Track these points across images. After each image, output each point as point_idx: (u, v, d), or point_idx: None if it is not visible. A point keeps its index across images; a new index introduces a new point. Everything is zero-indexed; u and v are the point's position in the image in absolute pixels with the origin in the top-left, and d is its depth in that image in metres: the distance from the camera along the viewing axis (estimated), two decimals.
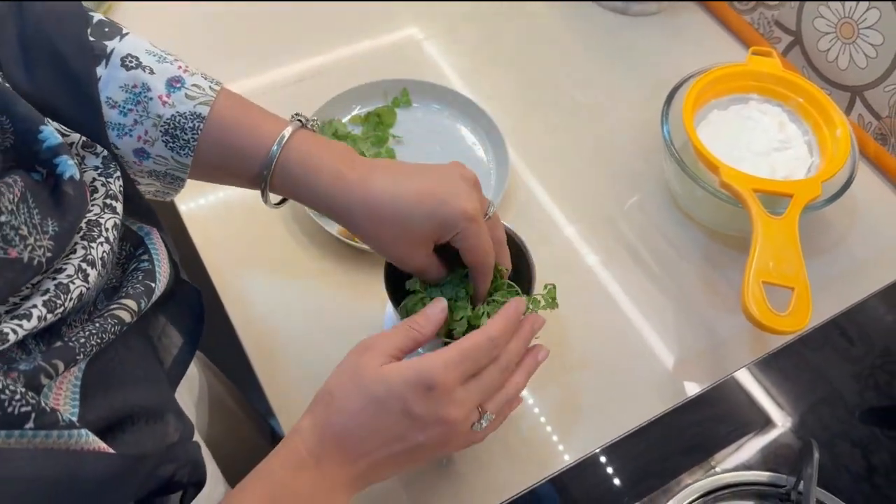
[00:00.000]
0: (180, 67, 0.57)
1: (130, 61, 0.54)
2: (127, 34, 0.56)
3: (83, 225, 0.48)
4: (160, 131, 0.55)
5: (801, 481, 0.63)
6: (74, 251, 0.46)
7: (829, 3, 0.94)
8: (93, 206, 0.50)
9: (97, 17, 0.55)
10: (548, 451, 0.71)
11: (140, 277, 0.52)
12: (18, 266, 0.40)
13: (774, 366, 0.76)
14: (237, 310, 0.79)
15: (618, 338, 0.79)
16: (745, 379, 0.75)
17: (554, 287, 0.64)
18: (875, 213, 0.91)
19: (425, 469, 0.69)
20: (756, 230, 0.74)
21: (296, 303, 0.80)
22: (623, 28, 1.10)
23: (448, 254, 0.60)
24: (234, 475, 0.75)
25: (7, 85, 0.46)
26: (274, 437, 1.07)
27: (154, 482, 0.45)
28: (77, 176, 0.46)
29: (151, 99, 0.54)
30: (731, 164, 0.80)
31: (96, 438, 0.40)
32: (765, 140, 0.85)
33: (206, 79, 0.57)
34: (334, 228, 0.82)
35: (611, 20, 1.10)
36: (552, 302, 0.64)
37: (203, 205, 0.88)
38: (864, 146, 0.95)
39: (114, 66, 0.54)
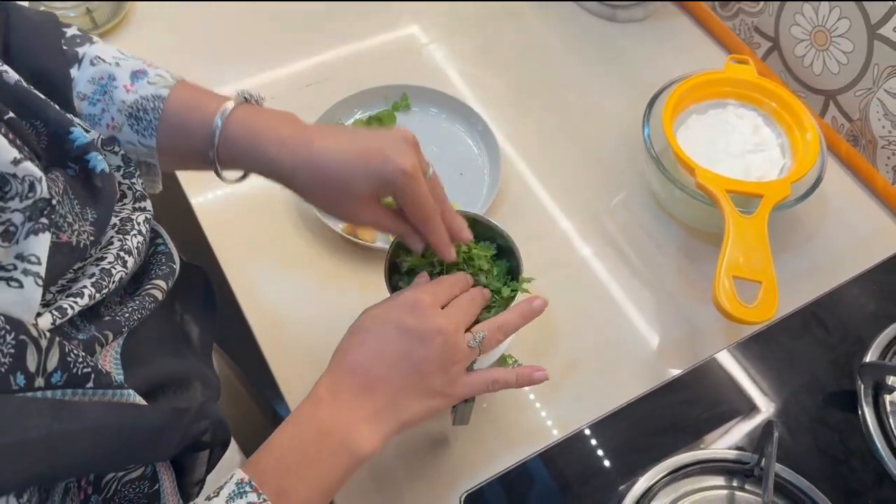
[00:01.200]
0: (146, 63, 0.64)
1: (97, 61, 0.61)
2: (96, 42, 0.63)
3: (117, 221, 0.54)
4: (125, 115, 0.61)
5: (763, 458, 0.69)
6: (112, 243, 0.52)
7: (804, 11, 1.00)
8: (123, 209, 0.56)
9: (71, 30, 0.62)
10: (538, 428, 0.77)
11: (163, 260, 0.59)
12: (68, 249, 0.46)
13: (749, 347, 0.82)
14: (248, 300, 0.85)
15: (604, 325, 0.86)
16: (725, 360, 0.81)
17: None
18: (845, 210, 0.97)
19: (420, 445, 0.75)
20: (728, 228, 0.80)
21: (302, 294, 0.86)
22: (611, 34, 1.15)
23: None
24: (244, 452, 0.81)
25: (37, 92, 0.51)
26: (276, 418, 1.13)
27: (189, 438, 0.51)
28: (107, 169, 0.52)
29: (116, 87, 0.61)
30: (708, 166, 0.86)
31: (140, 398, 0.47)
32: (741, 143, 0.91)
33: (168, 73, 0.64)
34: (339, 226, 0.88)
35: (599, 26, 1.16)
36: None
37: (212, 198, 0.94)
38: (837, 147, 1.01)
39: (84, 66, 0.61)
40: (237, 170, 0.64)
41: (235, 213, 0.92)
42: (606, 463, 0.73)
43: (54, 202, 0.42)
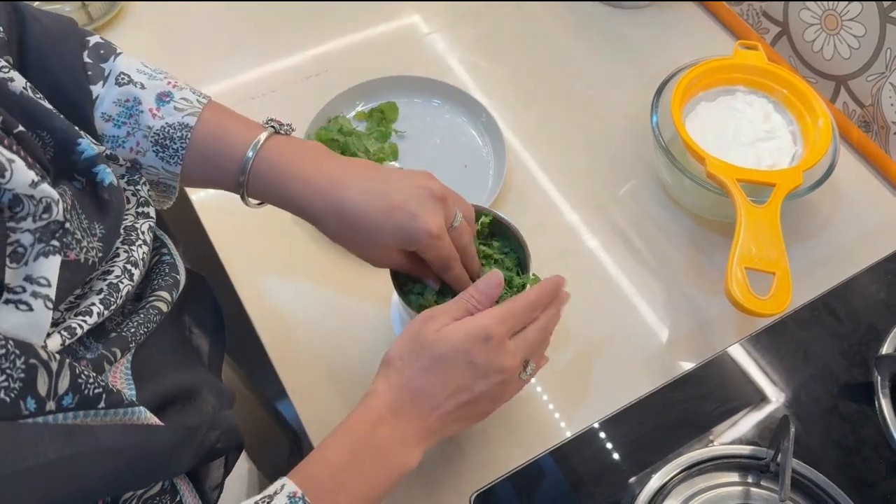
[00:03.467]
0: (169, 83, 0.62)
1: (123, 78, 0.59)
2: (120, 53, 0.61)
3: (121, 231, 0.52)
4: (150, 142, 0.59)
5: (780, 454, 0.67)
6: (118, 255, 0.50)
7: None
8: (127, 215, 0.54)
9: (94, 39, 0.60)
10: (549, 426, 0.76)
11: (167, 270, 0.57)
12: (76, 267, 0.45)
13: (764, 342, 0.80)
14: (253, 302, 0.84)
15: (613, 318, 0.84)
16: (738, 354, 0.79)
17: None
18: (858, 197, 0.95)
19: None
20: (740, 218, 0.78)
21: (306, 293, 0.85)
22: (616, 19, 1.13)
23: None
24: (251, 455, 0.80)
25: (44, 102, 0.50)
26: (279, 418, 1.12)
27: (202, 451, 0.50)
28: (115, 182, 0.50)
29: (142, 112, 0.59)
30: (718, 154, 0.84)
31: (152, 415, 0.46)
32: (751, 130, 0.89)
33: (193, 93, 0.62)
34: None
35: (604, 12, 1.14)
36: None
37: (214, 195, 0.92)
38: (848, 133, 0.99)
39: (109, 85, 0.59)
40: (261, 200, 0.64)
41: (240, 214, 0.90)
42: (619, 460, 0.72)
43: (67, 225, 0.41)
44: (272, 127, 0.63)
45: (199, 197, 0.91)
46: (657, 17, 1.13)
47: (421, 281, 0.69)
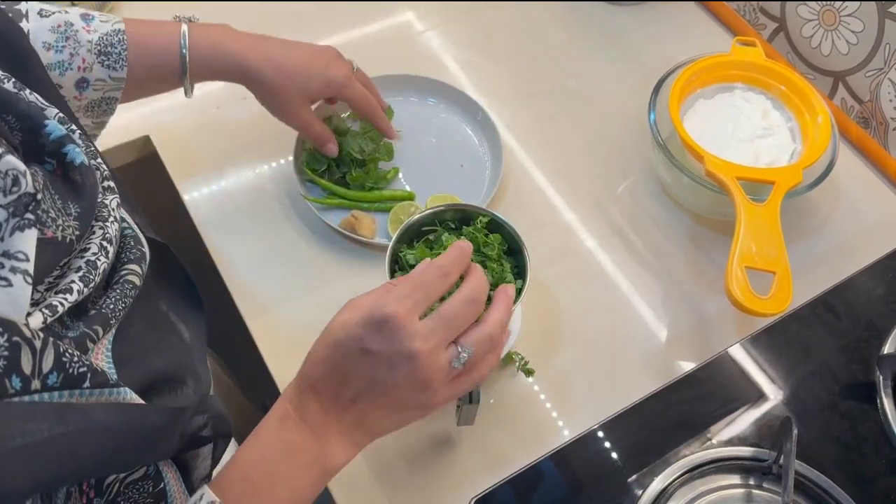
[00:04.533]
0: (80, 11, 0.69)
1: (45, 12, 0.67)
2: None
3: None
4: (94, 54, 0.68)
5: (782, 456, 0.67)
6: (93, 232, 0.49)
7: None
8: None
9: None
10: (549, 429, 0.75)
11: (132, 243, 0.54)
12: (54, 245, 0.43)
13: (763, 340, 0.79)
14: (243, 296, 0.82)
15: (612, 318, 0.83)
16: (738, 354, 0.79)
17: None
18: (858, 194, 0.94)
19: (425, 447, 0.73)
20: (739, 217, 0.77)
21: (299, 290, 0.84)
22: (612, 16, 1.12)
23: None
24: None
25: (6, 86, 0.48)
26: (266, 410, 1.10)
27: (188, 435, 0.49)
28: (86, 161, 0.49)
29: (77, 31, 0.67)
30: (716, 152, 0.83)
31: (136, 396, 0.45)
32: (749, 127, 0.88)
33: (104, 14, 0.71)
34: (335, 221, 0.85)
35: (600, 8, 1.13)
36: (524, 367, 0.77)
37: (206, 193, 0.91)
38: (847, 129, 0.98)
39: (34, 19, 0.66)
40: (203, 80, 0.76)
41: (229, 208, 0.89)
42: (619, 463, 0.71)
43: (39, 196, 0.40)
44: (188, 19, 0.75)
45: (192, 197, 0.90)
46: (653, 13, 1.12)
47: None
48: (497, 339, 0.57)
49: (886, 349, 0.77)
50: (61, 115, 0.50)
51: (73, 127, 0.52)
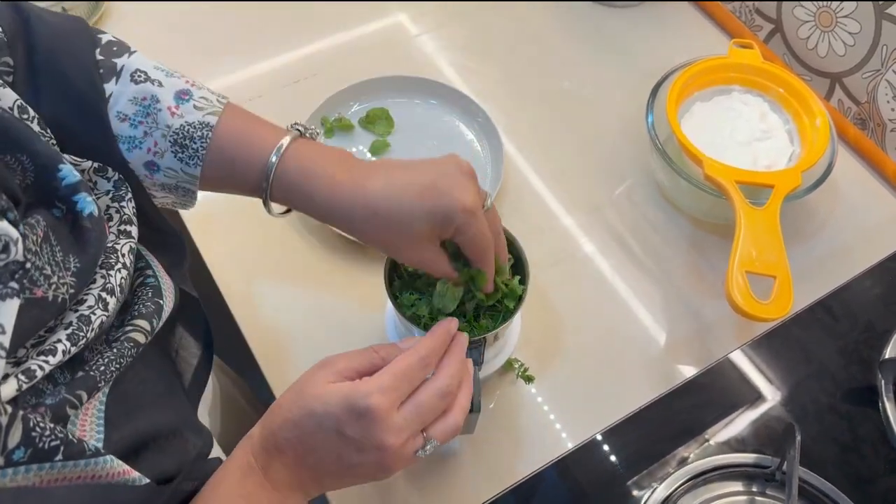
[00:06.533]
0: (188, 82, 0.58)
1: (139, 76, 0.56)
2: (135, 52, 0.57)
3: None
4: (169, 142, 0.56)
5: (785, 462, 0.66)
6: (94, 280, 0.47)
7: None
8: (108, 233, 0.51)
9: (106, 37, 0.57)
10: (551, 437, 0.74)
11: (149, 294, 0.53)
12: (44, 304, 0.42)
13: (764, 345, 0.79)
14: (241, 309, 0.82)
15: (611, 323, 0.82)
16: (739, 360, 0.78)
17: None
18: (856, 196, 0.94)
19: (428, 456, 0.72)
20: (739, 221, 0.77)
21: (299, 300, 0.83)
22: (608, 18, 1.12)
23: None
24: None
25: (27, 123, 0.47)
26: None
27: (176, 499, 0.48)
28: (96, 212, 0.47)
29: (160, 110, 0.56)
30: (714, 155, 0.82)
31: (121, 463, 0.43)
32: (747, 130, 0.88)
33: (212, 93, 0.59)
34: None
35: (596, 10, 1.12)
36: (524, 373, 0.75)
37: (203, 202, 0.89)
38: (844, 131, 0.98)
39: (124, 82, 0.55)
40: (283, 205, 0.61)
41: (226, 214, 0.89)
42: (622, 471, 0.70)
43: (28, 265, 0.39)
44: (297, 130, 0.60)
45: None
46: (650, 15, 1.12)
47: (416, 290, 0.66)
48: (448, 399, 0.55)
49: (888, 353, 0.77)
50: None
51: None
